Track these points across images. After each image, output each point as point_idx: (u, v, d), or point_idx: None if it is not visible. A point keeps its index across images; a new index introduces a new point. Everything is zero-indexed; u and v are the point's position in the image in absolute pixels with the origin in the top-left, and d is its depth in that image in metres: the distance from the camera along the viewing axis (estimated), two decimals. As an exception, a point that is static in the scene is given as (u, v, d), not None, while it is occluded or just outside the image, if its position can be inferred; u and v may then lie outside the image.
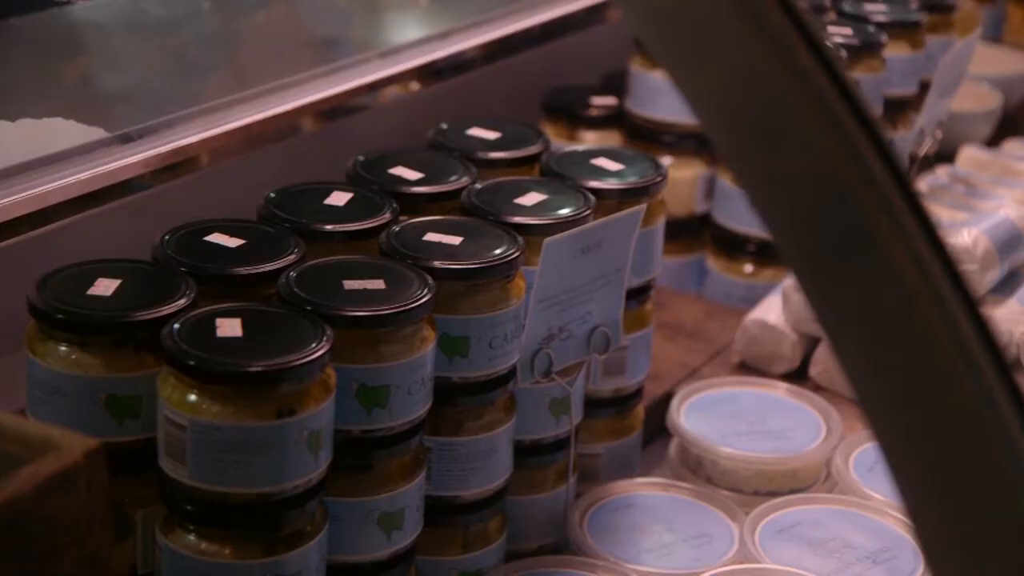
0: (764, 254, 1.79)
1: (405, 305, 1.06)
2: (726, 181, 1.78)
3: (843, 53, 1.73)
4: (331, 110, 1.67)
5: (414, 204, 1.27)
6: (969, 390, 0.64)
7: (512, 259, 1.16)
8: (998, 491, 0.62)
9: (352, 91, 1.66)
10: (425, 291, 1.08)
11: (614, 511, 1.34)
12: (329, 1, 1.87)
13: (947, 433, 0.64)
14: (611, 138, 1.86)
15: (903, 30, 1.91)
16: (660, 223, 1.40)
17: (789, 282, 1.58)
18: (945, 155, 2.06)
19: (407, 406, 1.09)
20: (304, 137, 1.66)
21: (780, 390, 1.49)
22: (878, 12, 1.93)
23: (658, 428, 1.49)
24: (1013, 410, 0.63)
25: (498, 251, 1.16)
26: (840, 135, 0.63)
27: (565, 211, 1.26)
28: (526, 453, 1.29)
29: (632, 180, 1.35)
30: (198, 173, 1.51)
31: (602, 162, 1.38)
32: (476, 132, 1.42)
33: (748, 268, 1.80)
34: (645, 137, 1.81)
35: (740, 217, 1.78)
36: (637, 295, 1.38)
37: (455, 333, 1.15)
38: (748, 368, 1.61)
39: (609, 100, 1.88)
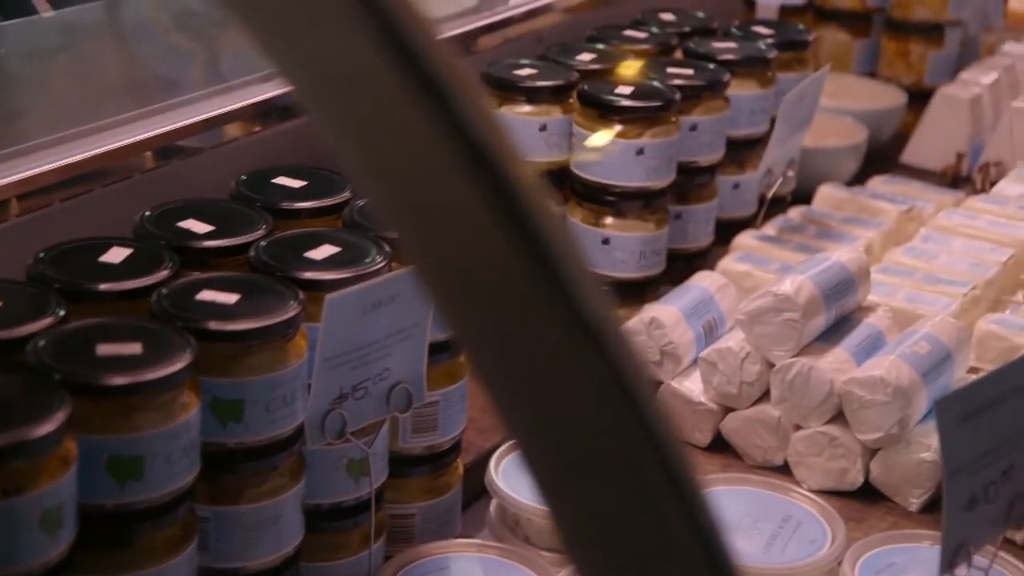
0: (617, 295, 1.75)
1: (157, 371, 1.01)
2: (576, 221, 1.74)
3: (678, 96, 1.70)
4: (164, 150, 1.62)
5: (202, 259, 1.22)
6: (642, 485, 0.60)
7: (288, 319, 1.11)
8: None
9: (182, 130, 1.61)
10: (183, 355, 1.03)
11: (424, 575, 1.29)
12: (158, 40, 1.82)
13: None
14: (458, 180, 1.81)
15: (751, 68, 1.88)
16: (471, 273, 1.35)
17: (627, 325, 1.54)
18: (806, 193, 2.03)
19: (167, 477, 1.03)
20: (142, 180, 1.60)
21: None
22: (726, 50, 1.90)
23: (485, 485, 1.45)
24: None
25: (274, 310, 1.11)
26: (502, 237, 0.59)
27: (356, 265, 1.21)
28: (326, 517, 1.24)
29: (437, 230, 1.30)
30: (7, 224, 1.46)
31: (409, 211, 1.33)
32: (281, 181, 1.37)
33: (597, 311, 1.76)
34: (489, 179, 1.77)
35: (592, 258, 1.73)
36: (447, 348, 1.34)
37: (227, 397, 1.10)
38: (585, 417, 1.56)
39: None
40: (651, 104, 1.67)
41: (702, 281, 1.60)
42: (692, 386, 1.50)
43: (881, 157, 2.40)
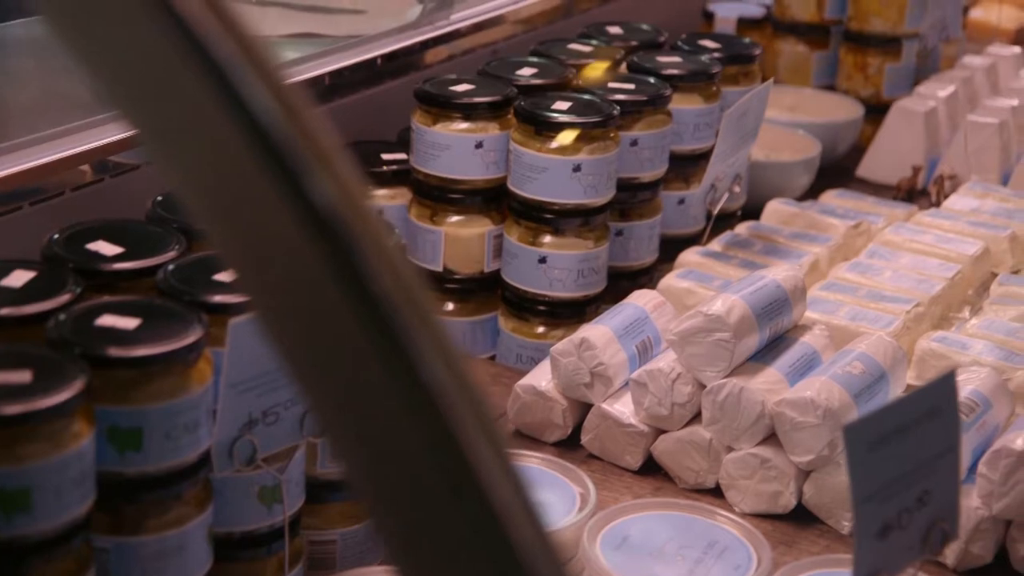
0: (555, 314, 1.73)
1: (44, 400, 0.98)
2: (512, 239, 1.72)
3: (616, 111, 1.67)
4: (96, 165, 1.60)
5: (110, 283, 1.20)
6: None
7: (188, 344, 1.09)
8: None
9: (114, 145, 1.59)
10: (74, 383, 1.00)
11: (343, 601, 1.27)
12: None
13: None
14: (402, 195, 1.79)
15: (695, 82, 1.86)
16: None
17: (558, 346, 1.51)
18: (759, 208, 2.01)
19: (57, 508, 1.00)
20: (73, 198, 1.58)
21: (535, 460, 1.42)
22: (670, 65, 1.88)
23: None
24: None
25: (174, 335, 1.09)
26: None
27: (266, 288, 1.18)
28: (238, 545, 1.21)
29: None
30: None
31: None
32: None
33: (539, 328, 1.73)
34: (430, 194, 1.75)
35: (529, 276, 1.71)
36: (369, 371, 1.31)
37: (125, 425, 1.07)
38: (522, 436, 1.54)
39: (401, 156, 1.81)
40: (588, 120, 1.65)
41: (637, 300, 1.57)
42: (623, 408, 1.47)
43: (839, 170, 2.38)
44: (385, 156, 1.82)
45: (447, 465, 0.56)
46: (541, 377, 1.54)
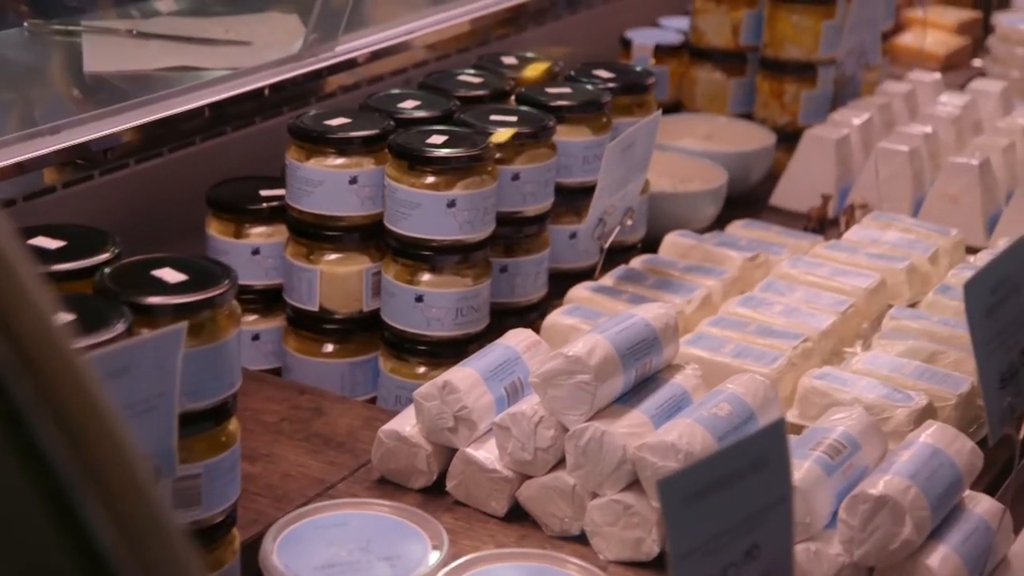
0: (435, 354, 1.68)
1: None
2: (390, 278, 1.67)
3: (491, 144, 1.63)
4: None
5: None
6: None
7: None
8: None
9: None
10: None
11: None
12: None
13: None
14: (280, 232, 1.75)
15: (583, 114, 1.82)
16: (232, 336, 1.28)
17: (420, 390, 1.46)
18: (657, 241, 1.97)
19: None
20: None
21: (386, 509, 1.36)
22: (558, 96, 1.84)
23: (271, 557, 1.36)
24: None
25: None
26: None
27: (92, 332, 1.14)
28: None
29: (189, 293, 1.24)
30: None
31: (164, 273, 1.26)
32: (40, 241, 1.30)
33: (419, 369, 1.69)
34: (305, 232, 1.70)
35: (406, 316, 1.66)
36: (210, 417, 1.26)
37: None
38: (387, 483, 1.49)
39: (281, 192, 1.76)
40: (462, 154, 1.61)
41: (510, 340, 1.53)
42: (488, 453, 1.42)
43: (752, 200, 2.34)
44: (264, 192, 1.78)
45: None
46: (405, 422, 1.49)
